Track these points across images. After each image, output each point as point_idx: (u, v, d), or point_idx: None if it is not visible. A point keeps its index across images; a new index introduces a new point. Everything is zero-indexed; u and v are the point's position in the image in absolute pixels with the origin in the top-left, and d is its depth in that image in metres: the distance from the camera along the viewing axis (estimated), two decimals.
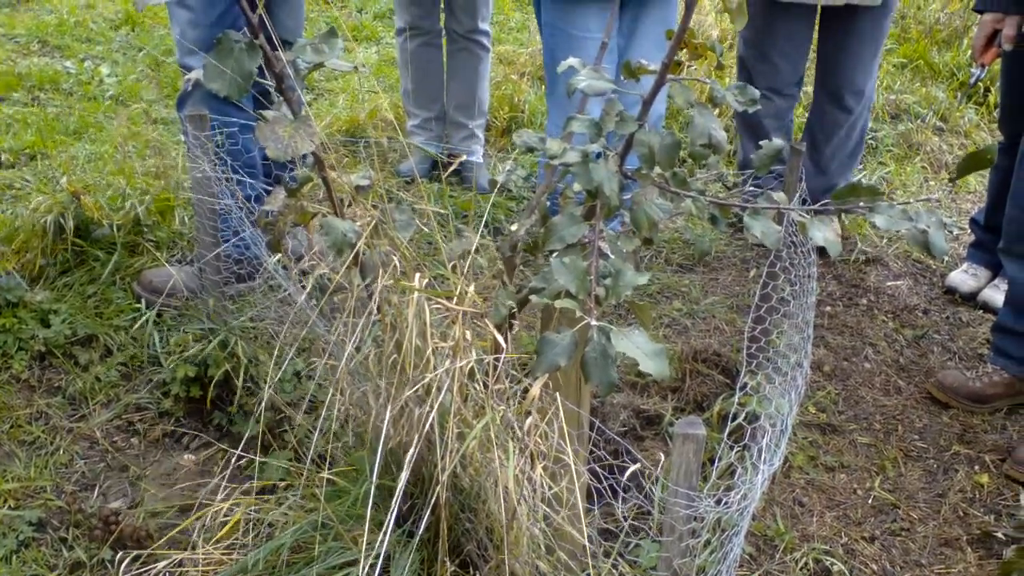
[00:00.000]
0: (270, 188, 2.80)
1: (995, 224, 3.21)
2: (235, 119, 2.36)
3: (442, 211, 1.96)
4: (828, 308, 3.11)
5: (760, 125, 3.25)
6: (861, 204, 1.63)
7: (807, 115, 3.44)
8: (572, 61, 1.76)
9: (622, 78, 1.70)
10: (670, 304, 3.01)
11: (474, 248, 1.85)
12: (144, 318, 2.52)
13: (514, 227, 1.83)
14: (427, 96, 3.65)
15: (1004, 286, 3.19)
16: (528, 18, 5.38)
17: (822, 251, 1.91)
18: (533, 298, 1.44)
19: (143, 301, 2.59)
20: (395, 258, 1.64)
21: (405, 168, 3.61)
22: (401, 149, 3.74)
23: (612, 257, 1.58)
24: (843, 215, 1.72)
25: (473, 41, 3.56)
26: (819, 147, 3.31)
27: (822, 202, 1.65)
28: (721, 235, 3.36)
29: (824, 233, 1.61)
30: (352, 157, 3.55)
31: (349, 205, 1.71)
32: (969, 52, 5.02)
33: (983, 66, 2.73)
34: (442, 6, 3.52)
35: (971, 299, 3.22)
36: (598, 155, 1.66)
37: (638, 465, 1.46)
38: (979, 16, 2.78)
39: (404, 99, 3.72)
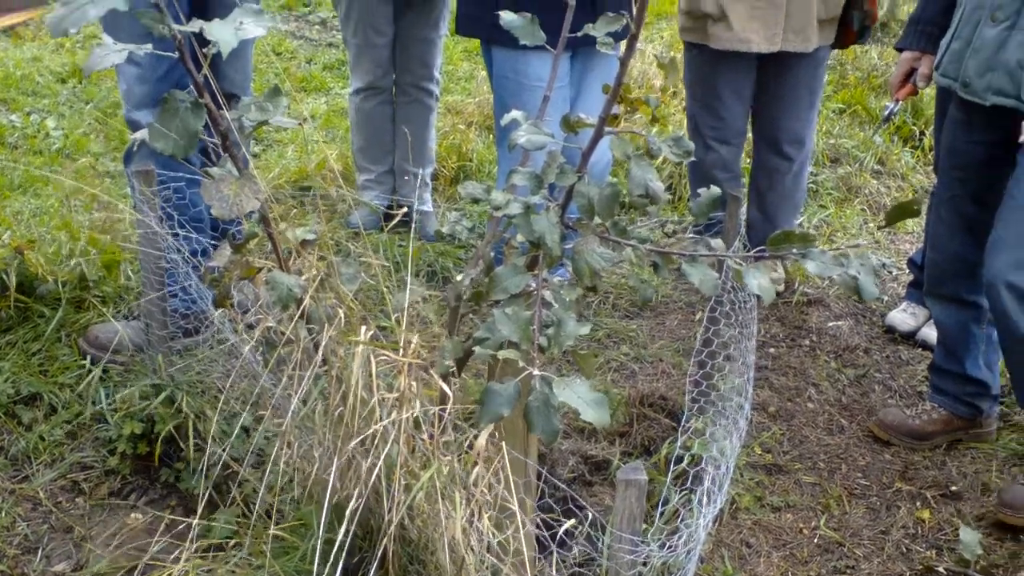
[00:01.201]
0: (217, 242, 2.82)
1: None
2: (182, 174, 2.37)
3: (385, 264, 1.98)
4: (772, 349, 3.17)
5: (709, 174, 3.32)
6: (794, 251, 1.68)
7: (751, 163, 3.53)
8: (515, 114, 1.80)
9: (562, 131, 1.74)
10: (618, 349, 3.05)
11: (420, 298, 1.88)
12: (90, 375, 2.50)
13: (460, 277, 1.86)
14: (380, 151, 3.69)
15: None
16: (476, 68, 5.46)
17: None
18: (476, 350, 1.46)
19: (89, 358, 2.57)
20: (341, 311, 1.65)
21: (354, 219, 3.63)
22: (350, 199, 3.76)
23: (556, 306, 1.62)
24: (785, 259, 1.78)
25: (424, 91, 3.62)
26: (763, 195, 3.38)
27: (756, 249, 1.70)
28: (666, 280, 3.43)
29: (758, 280, 1.65)
30: (301, 208, 3.57)
31: (295, 259, 1.73)
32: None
33: (897, 101, 2.81)
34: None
35: (910, 338, 3.30)
36: (542, 206, 1.70)
37: (572, 522, 1.48)
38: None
39: (357, 156, 3.75)
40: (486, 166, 4.18)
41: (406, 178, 3.71)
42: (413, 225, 3.57)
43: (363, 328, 1.58)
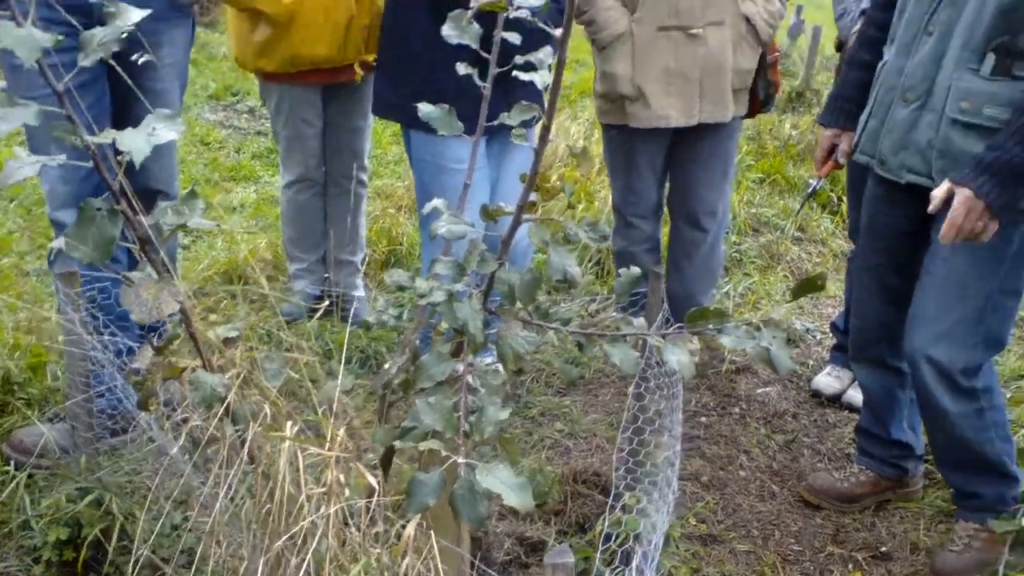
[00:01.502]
0: (143, 341, 2.80)
1: None
2: (107, 274, 2.36)
3: (316, 353, 1.99)
4: (703, 419, 3.22)
5: (632, 250, 3.39)
6: (710, 326, 1.73)
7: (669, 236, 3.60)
8: (437, 203, 1.85)
9: (481, 219, 1.79)
10: (552, 426, 3.08)
11: (348, 388, 1.89)
12: (14, 481, 2.45)
13: (387, 365, 1.88)
14: (311, 241, 3.70)
15: None
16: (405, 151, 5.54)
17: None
18: (397, 444, 1.48)
19: (13, 463, 2.52)
20: (267, 407, 1.66)
21: (287, 308, 3.63)
22: (282, 289, 3.77)
23: (482, 391, 1.64)
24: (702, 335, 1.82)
25: (354, 180, 3.65)
26: (681, 268, 3.45)
27: (674, 326, 1.75)
28: (596, 356, 3.47)
29: (678, 356, 1.70)
30: (231, 300, 3.57)
31: (219, 357, 1.74)
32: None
33: (820, 178, 2.85)
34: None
35: (836, 400, 3.39)
36: (465, 293, 1.74)
37: None
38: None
39: (288, 246, 3.75)
40: (416, 248, 4.22)
41: (338, 265, 3.73)
42: (348, 311, 3.62)
43: (289, 423, 1.58)
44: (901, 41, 2.38)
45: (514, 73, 1.61)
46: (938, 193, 2.22)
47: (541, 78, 1.58)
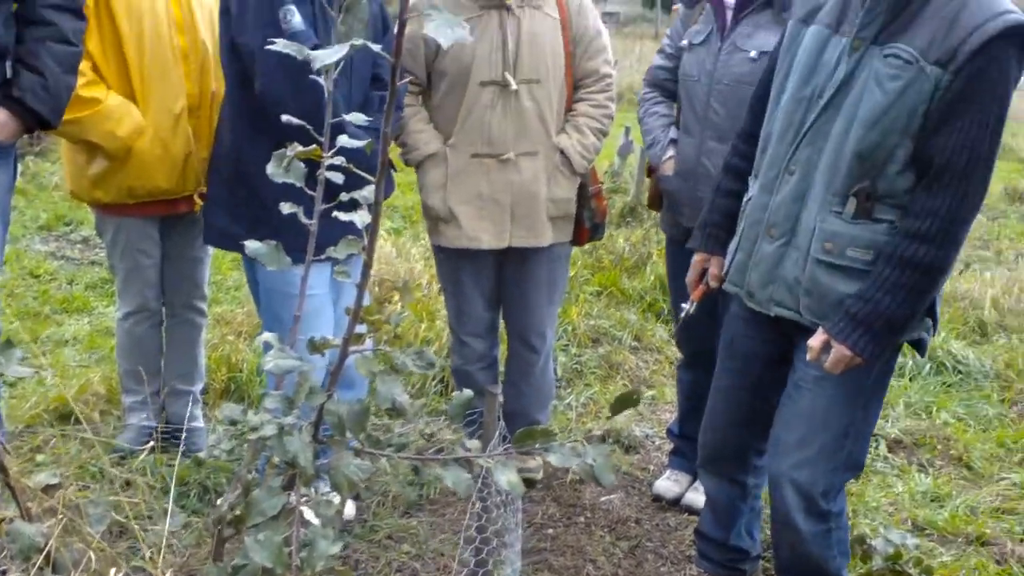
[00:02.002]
0: None
1: (688, 433, 3.56)
2: None
3: (148, 494, 1.96)
4: (550, 530, 3.27)
5: (467, 368, 3.46)
6: (537, 446, 1.80)
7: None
8: (267, 337, 1.88)
9: (308, 353, 1.82)
10: (399, 548, 3.06)
11: (183, 525, 1.86)
12: None
13: (220, 501, 1.86)
14: (148, 373, 3.60)
15: (703, 488, 3.50)
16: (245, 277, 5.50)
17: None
18: None
19: None
20: (90, 553, 1.62)
21: (123, 440, 3.51)
22: (116, 423, 3.65)
23: (316, 522, 1.65)
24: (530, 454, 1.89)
25: (194, 310, 3.60)
26: (517, 386, 3.53)
27: (503, 447, 1.82)
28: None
29: (508, 476, 1.76)
30: (63, 437, 3.43)
31: (40, 503, 1.69)
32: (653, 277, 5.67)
33: (693, 301, 2.81)
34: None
35: (677, 503, 3.50)
36: (297, 426, 1.76)
37: None
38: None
39: (123, 378, 3.63)
40: (257, 375, 4.17)
41: (175, 396, 3.64)
42: (188, 442, 3.53)
43: (112, 570, 1.55)
44: (764, 178, 2.42)
45: (334, 214, 1.67)
46: (815, 344, 2.28)
47: (361, 218, 1.65)
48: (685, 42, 3.13)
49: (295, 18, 2.74)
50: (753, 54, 2.93)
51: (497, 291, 3.45)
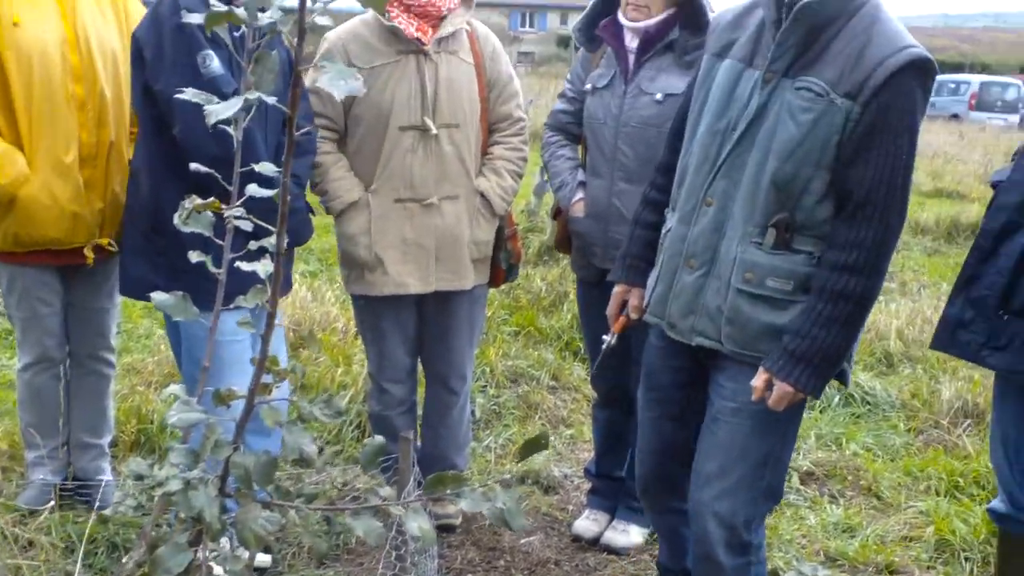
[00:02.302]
0: None
1: (605, 472, 3.58)
2: None
3: (36, 565, 1.90)
4: (469, 575, 3.25)
5: (386, 414, 3.44)
6: (448, 492, 1.80)
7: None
8: (173, 389, 1.85)
9: (213, 405, 1.79)
10: None
11: None
12: None
13: (125, 559, 1.82)
14: (51, 426, 3.49)
15: (621, 527, 3.52)
16: (155, 324, 5.39)
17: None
18: None
19: None
20: None
21: (25, 500, 3.39)
22: (19, 480, 3.53)
23: None
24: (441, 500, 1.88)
25: (100, 361, 3.50)
26: (435, 429, 3.53)
27: (416, 494, 1.81)
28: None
29: (419, 523, 1.75)
30: None
31: None
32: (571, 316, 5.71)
33: (613, 333, 2.81)
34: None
35: (596, 543, 3.51)
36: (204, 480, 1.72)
37: None
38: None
39: (26, 433, 3.50)
40: (169, 427, 4.08)
41: (82, 449, 3.54)
42: (94, 498, 3.42)
43: None
44: (682, 210, 2.45)
45: (236, 264, 1.66)
46: (758, 384, 2.30)
47: (263, 267, 1.64)
48: (588, 86, 3.20)
49: (213, 63, 2.73)
50: (659, 96, 3.01)
51: (418, 335, 3.45)
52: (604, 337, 2.83)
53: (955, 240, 9.13)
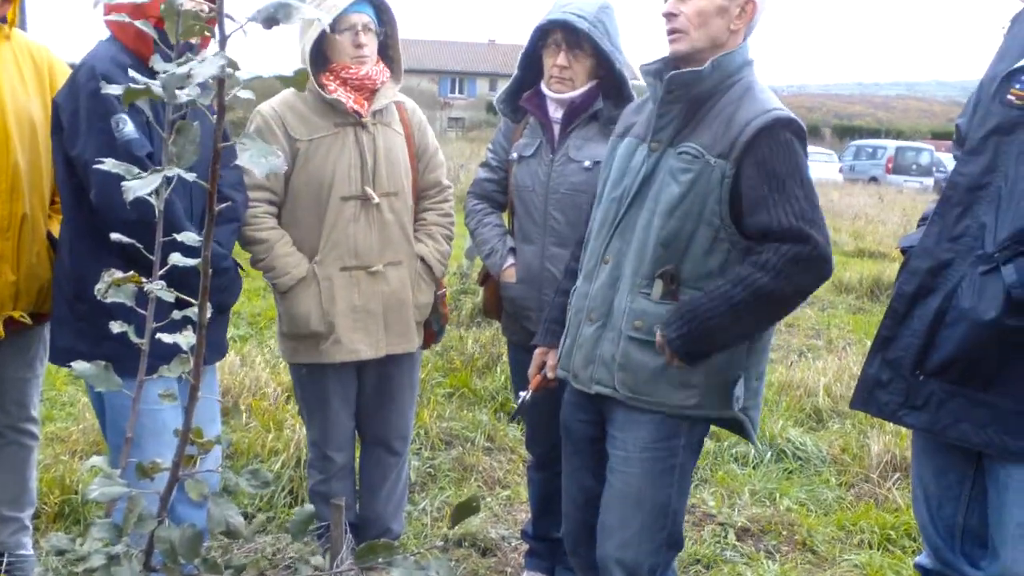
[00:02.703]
0: None
1: (542, 533, 3.57)
2: None
3: None
4: None
5: (328, 486, 3.39)
6: (380, 560, 1.78)
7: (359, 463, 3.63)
8: (96, 460, 1.80)
9: (136, 478, 1.75)
10: None
11: None
12: None
13: None
14: None
15: None
16: (80, 391, 5.26)
17: None
18: None
19: None
20: None
21: None
22: None
23: None
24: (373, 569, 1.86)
25: (22, 432, 3.39)
26: (375, 493, 3.49)
27: (348, 562, 1.78)
28: None
29: None
30: None
31: None
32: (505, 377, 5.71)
33: (530, 390, 2.95)
34: None
35: None
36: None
37: None
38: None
39: None
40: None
41: (2, 523, 3.41)
42: (18, 572, 3.30)
43: None
44: (586, 269, 2.69)
45: (158, 335, 1.64)
46: (659, 340, 2.48)
47: (184, 339, 1.62)
48: (514, 155, 3.27)
49: (127, 127, 2.70)
50: (587, 163, 3.08)
51: (357, 400, 3.46)
52: (521, 393, 3.00)
53: (878, 298, 9.36)
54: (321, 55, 3.17)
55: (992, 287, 2.21)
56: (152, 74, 1.44)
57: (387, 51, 3.32)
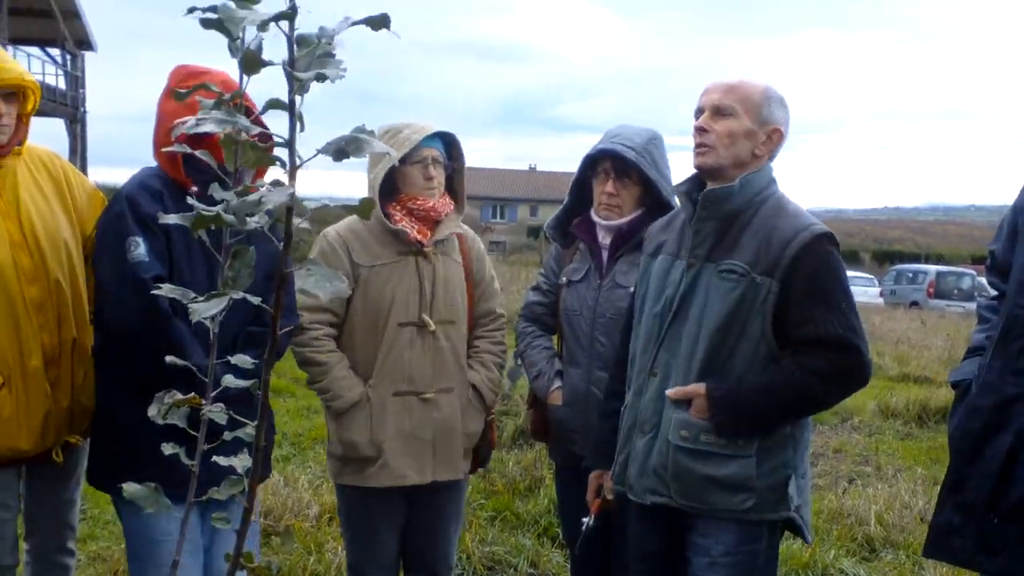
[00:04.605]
0: None
1: None
2: None
3: None
4: None
5: None
6: None
7: None
8: None
9: None
10: None
11: None
12: None
13: None
14: None
15: None
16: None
17: None
18: None
19: None
20: None
21: None
22: None
23: None
24: None
25: (67, 552, 3.30)
26: None
27: None
28: None
29: None
30: None
31: None
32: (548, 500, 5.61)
33: (592, 514, 2.99)
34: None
35: None
36: None
37: None
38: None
39: None
40: None
41: None
42: None
43: None
44: (635, 385, 2.74)
45: (213, 458, 1.64)
46: (687, 389, 2.57)
47: (240, 461, 1.63)
48: (563, 279, 3.32)
49: (139, 249, 2.71)
50: (632, 289, 3.10)
51: (406, 526, 3.42)
52: (584, 519, 2.98)
53: (926, 423, 9.16)
54: (390, 184, 3.25)
55: None
56: (193, 200, 1.47)
57: (452, 184, 3.42)
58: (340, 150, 1.20)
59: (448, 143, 3.34)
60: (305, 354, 3.18)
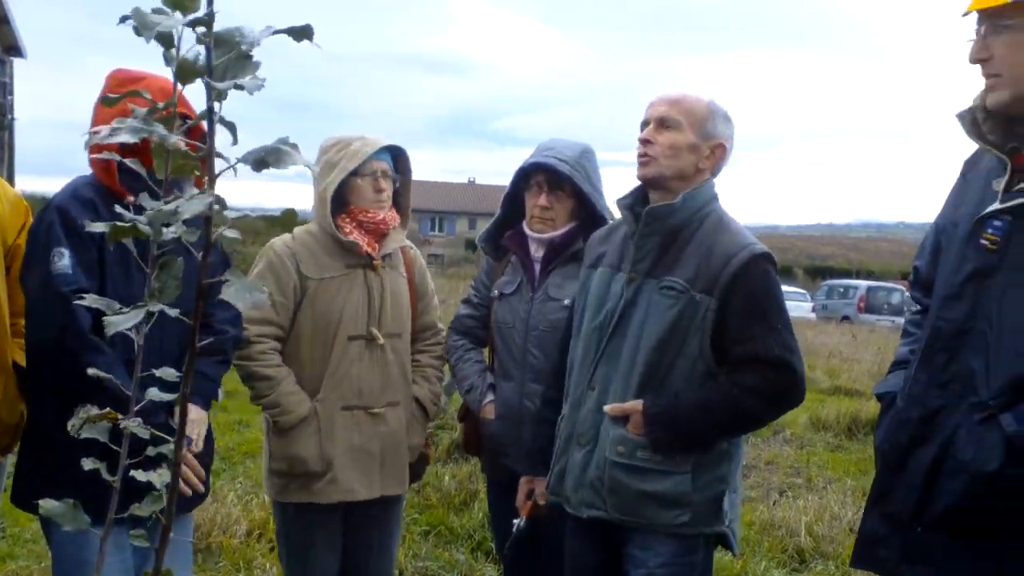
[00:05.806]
0: None
1: None
2: None
3: None
4: None
5: None
6: None
7: None
8: None
9: None
10: None
11: None
12: None
13: None
14: None
15: None
16: None
17: None
18: None
19: None
20: None
21: None
22: None
23: None
24: None
25: None
26: None
27: None
28: None
29: None
30: None
31: None
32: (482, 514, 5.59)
33: (523, 517, 3.02)
34: None
35: None
36: None
37: None
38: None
39: None
40: None
41: None
42: None
43: None
44: (573, 396, 2.76)
45: (131, 472, 1.60)
46: (625, 406, 2.60)
47: (159, 477, 1.59)
48: (495, 292, 3.32)
49: (62, 260, 2.64)
50: (567, 302, 3.11)
51: (345, 543, 3.38)
52: (515, 520, 3.01)
53: (856, 436, 9.32)
54: (339, 197, 3.21)
55: (991, 437, 2.13)
56: (121, 209, 1.43)
57: (398, 198, 3.40)
58: (260, 160, 1.18)
59: (395, 156, 3.33)
60: (251, 368, 3.10)
